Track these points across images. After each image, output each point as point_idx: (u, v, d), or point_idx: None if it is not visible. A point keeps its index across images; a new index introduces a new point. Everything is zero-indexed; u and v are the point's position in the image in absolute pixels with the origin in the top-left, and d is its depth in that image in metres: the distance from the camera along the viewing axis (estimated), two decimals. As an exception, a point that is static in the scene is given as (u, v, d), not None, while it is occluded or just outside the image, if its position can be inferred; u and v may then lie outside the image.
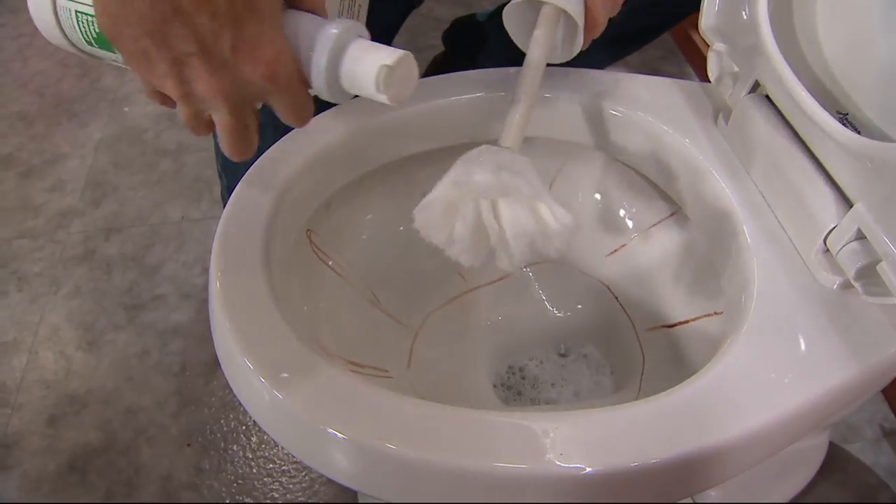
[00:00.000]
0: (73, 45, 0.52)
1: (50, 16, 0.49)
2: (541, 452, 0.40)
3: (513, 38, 0.60)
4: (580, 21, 0.54)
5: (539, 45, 0.54)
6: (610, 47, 0.58)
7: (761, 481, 0.77)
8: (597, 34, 0.56)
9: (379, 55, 0.42)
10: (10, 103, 1.49)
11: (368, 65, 0.42)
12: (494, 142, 0.50)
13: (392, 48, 0.43)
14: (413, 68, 0.44)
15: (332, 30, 0.42)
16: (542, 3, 0.54)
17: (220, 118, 0.42)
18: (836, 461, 0.88)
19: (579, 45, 0.57)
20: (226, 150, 0.44)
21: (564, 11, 0.54)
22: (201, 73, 0.39)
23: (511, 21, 0.58)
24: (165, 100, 0.44)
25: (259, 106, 0.46)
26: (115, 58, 0.51)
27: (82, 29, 0.48)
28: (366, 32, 0.44)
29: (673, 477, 0.42)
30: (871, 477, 0.89)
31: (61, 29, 0.50)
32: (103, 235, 1.21)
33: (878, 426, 0.94)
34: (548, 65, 0.55)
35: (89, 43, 0.50)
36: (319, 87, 0.43)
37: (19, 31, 1.69)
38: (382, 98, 0.43)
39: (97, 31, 0.48)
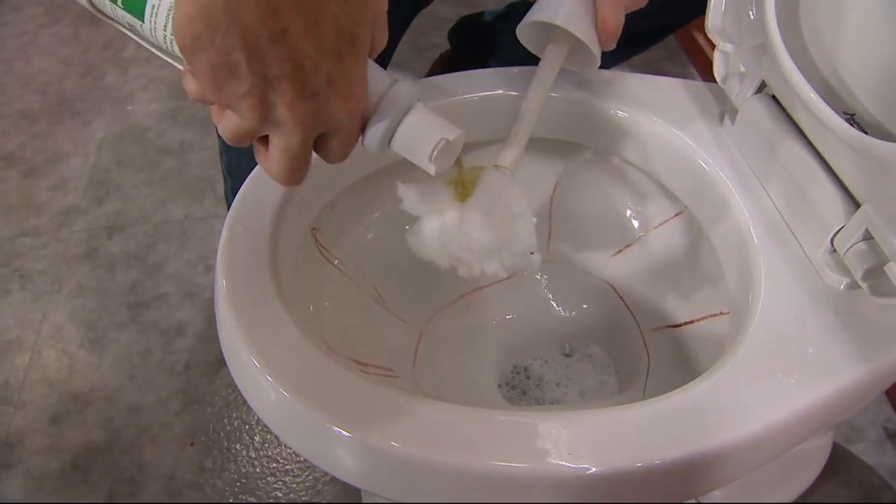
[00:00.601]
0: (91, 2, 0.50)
1: None
2: (547, 452, 0.40)
3: (527, 47, 0.60)
4: (594, 47, 0.55)
5: (548, 63, 0.55)
6: (620, 47, 0.57)
7: (765, 482, 0.77)
8: (612, 45, 0.56)
9: (439, 128, 0.43)
10: (12, 102, 1.49)
11: (429, 136, 0.43)
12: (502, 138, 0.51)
13: (446, 122, 0.43)
14: (460, 143, 0.45)
15: (404, 91, 0.42)
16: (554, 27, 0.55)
17: (287, 145, 0.40)
18: (839, 462, 0.88)
19: (595, 63, 0.58)
20: (279, 175, 0.42)
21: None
22: (289, 98, 0.37)
23: (525, 34, 0.59)
24: (216, 109, 0.42)
25: None
26: (135, 24, 0.49)
27: None
28: (420, 91, 0.44)
29: (679, 477, 0.42)
30: (875, 478, 0.89)
31: None
32: (106, 234, 1.21)
33: (881, 427, 0.94)
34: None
35: (113, 1, 0.49)
36: (372, 141, 0.43)
37: (22, 30, 1.69)
38: (430, 168, 0.43)
39: None
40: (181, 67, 0.43)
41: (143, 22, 0.47)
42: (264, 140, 0.42)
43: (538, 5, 0.56)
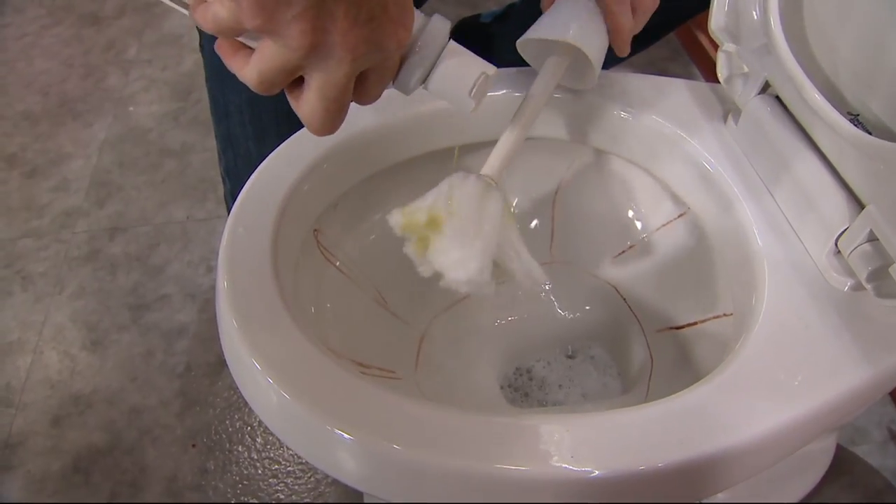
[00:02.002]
0: None
1: None
2: (550, 455, 0.40)
3: (527, 60, 0.60)
4: (595, 61, 0.54)
5: (547, 75, 0.54)
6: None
7: (768, 483, 0.77)
8: (626, 51, 0.56)
9: (477, 63, 0.43)
10: (14, 103, 1.49)
11: (469, 73, 0.43)
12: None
13: (478, 57, 0.43)
14: (492, 81, 0.44)
15: (440, 28, 0.42)
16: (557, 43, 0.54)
17: (330, 81, 0.37)
18: (843, 464, 0.88)
19: (593, 81, 0.58)
20: (318, 119, 0.40)
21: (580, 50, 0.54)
22: (343, 23, 0.35)
23: (526, 49, 0.58)
24: (234, 42, 0.39)
25: None
26: None
27: None
28: (450, 26, 0.44)
29: (683, 480, 0.42)
30: (879, 479, 0.89)
31: None
32: (108, 235, 1.21)
33: (885, 429, 0.94)
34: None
35: None
36: (408, 77, 0.42)
37: (24, 31, 1.69)
38: (470, 103, 0.43)
39: None
40: (185, 12, 0.41)
41: None
42: (296, 85, 0.40)
43: (543, 21, 0.55)
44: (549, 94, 0.54)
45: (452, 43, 0.43)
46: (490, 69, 0.43)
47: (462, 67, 0.43)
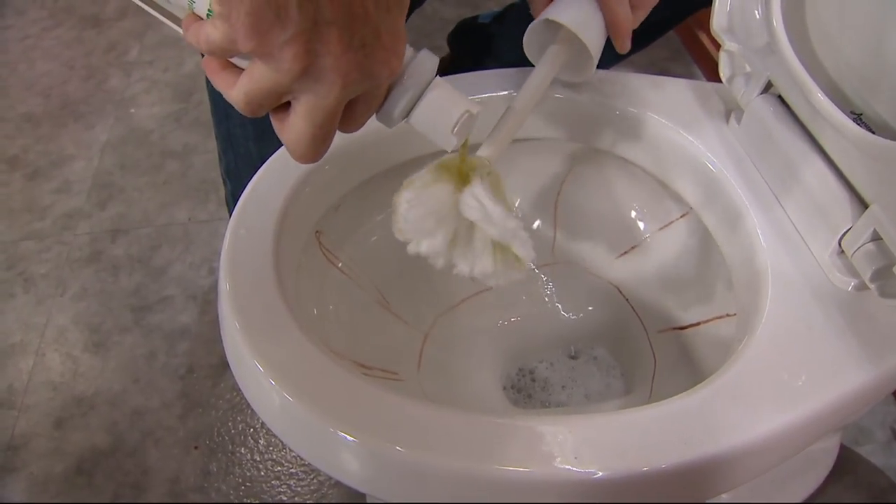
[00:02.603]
0: None
1: None
2: (553, 456, 0.40)
3: (532, 60, 0.60)
4: (592, 49, 0.54)
5: (545, 63, 0.54)
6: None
7: (771, 484, 0.77)
8: (626, 46, 0.56)
9: (462, 101, 0.42)
10: (16, 105, 1.49)
11: (453, 111, 0.42)
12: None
13: (463, 95, 0.43)
14: (474, 120, 0.44)
15: (427, 62, 0.41)
16: (559, 30, 0.54)
17: (318, 106, 0.37)
18: (846, 463, 0.88)
19: (590, 71, 0.58)
20: (303, 145, 0.39)
21: (579, 39, 0.54)
22: (336, 48, 0.34)
23: (530, 47, 0.58)
24: (226, 64, 0.39)
25: None
26: None
27: None
28: (437, 62, 0.43)
29: (686, 481, 0.42)
30: (882, 479, 0.89)
31: None
32: (110, 237, 1.21)
33: (889, 429, 0.93)
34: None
35: None
36: (391, 108, 0.42)
37: (25, 33, 1.69)
38: (451, 140, 0.43)
39: None
40: (179, 30, 0.41)
41: None
42: (282, 109, 0.39)
43: (545, 13, 0.56)
44: (547, 80, 0.54)
45: (439, 78, 0.42)
46: (475, 108, 0.42)
47: (446, 103, 0.42)
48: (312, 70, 0.35)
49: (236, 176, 0.83)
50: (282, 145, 0.58)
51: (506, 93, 0.63)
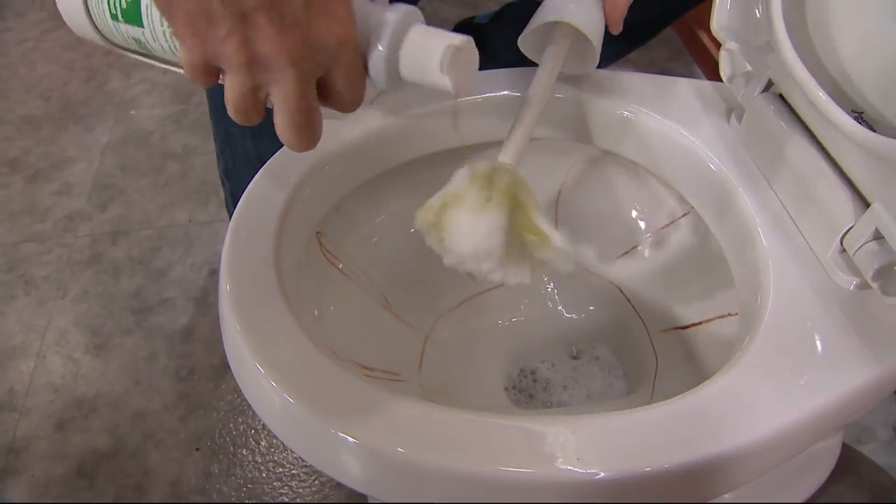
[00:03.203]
0: (95, 26, 0.50)
1: None
2: (555, 457, 0.40)
3: (533, 59, 0.60)
4: (594, 38, 0.54)
5: (549, 61, 0.54)
6: (619, 40, 0.57)
7: (774, 483, 0.77)
8: (619, 28, 0.56)
9: (444, 37, 0.41)
10: (16, 107, 1.49)
11: (434, 46, 0.40)
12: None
13: (451, 33, 0.41)
14: (475, 56, 0.43)
15: (392, 14, 0.40)
16: (556, 24, 0.54)
17: (285, 90, 0.38)
18: (849, 463, 0.88)
19: (594, 61, 0.57)
20: (289, 135, 0.40)
21: (578, 30, 0.54)
22: (269, 31, 0.35)
23: (527, 45, 0.58)
24: (211, 77, 0.40)
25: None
26: (139, 36, 0.49)
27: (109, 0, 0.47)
28: (422, 18, 0.43)
29: (689, 482, 0.42)
30: (885, 478, 0.88)
31: (85, 4, 0.48)
32: (110, 239, 1.21)
33: (891, 428, 0.93)
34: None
35: (115, 17, 0.48)
36: (377, 71, 0.41)
37: (25, 36, 1.69)
38: (446, 81, 0.41)
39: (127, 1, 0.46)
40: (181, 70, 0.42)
41: (143, 27, 0.47)
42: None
43: (539, 12, 0.55)
44: (553, 79, 0.54)
45: (418, 25, 0.41)
46: (457, 40, 0.40)
47: (426, 45, 0.40)
48: (258, 59, 0.36)
49: (235, 175, 0.83)
50: (276, 141, 0.58)
51: (505, 93, 0.63)
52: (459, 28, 1.17)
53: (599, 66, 0.60)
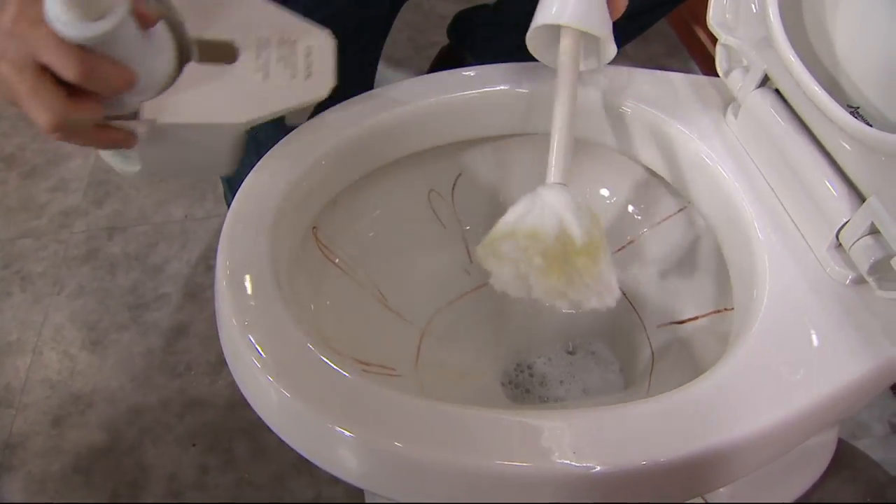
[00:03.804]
0: None
1: None
2: (552, 451, 0.40)
3: (538, 58, 0.59)
4: (600, 34, 0.54)
5: (565, 71, 0.54)
6: (621, 26, 0.57)
7: (769, 478, 0.77)
8: (619, 13, 0.56)
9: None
10: (12, 103, 1.48)
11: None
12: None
13: None
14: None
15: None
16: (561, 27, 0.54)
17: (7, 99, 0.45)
18: (845, 458, 0.88)
19: (611, 52, 0.58)
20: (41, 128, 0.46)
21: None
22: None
23: (534, 41, 0.58)
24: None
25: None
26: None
27: None
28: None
29: (685, 475, 0.42)
30: (881, 474, 0.89)
31: None
32: (106, 235, 1.21)
33: (887, 423, 0.94)
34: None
35: None
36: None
37: (21, 31, 1.68)
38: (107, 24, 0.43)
39: None
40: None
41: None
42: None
43: (540, 9, 0.55)
44: (575, 83, 0.54)
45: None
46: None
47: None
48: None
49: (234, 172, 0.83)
50: (276, 141, 0.58)
51: (505, 87, 0.63)
52: (461, 17, 1.16)
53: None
